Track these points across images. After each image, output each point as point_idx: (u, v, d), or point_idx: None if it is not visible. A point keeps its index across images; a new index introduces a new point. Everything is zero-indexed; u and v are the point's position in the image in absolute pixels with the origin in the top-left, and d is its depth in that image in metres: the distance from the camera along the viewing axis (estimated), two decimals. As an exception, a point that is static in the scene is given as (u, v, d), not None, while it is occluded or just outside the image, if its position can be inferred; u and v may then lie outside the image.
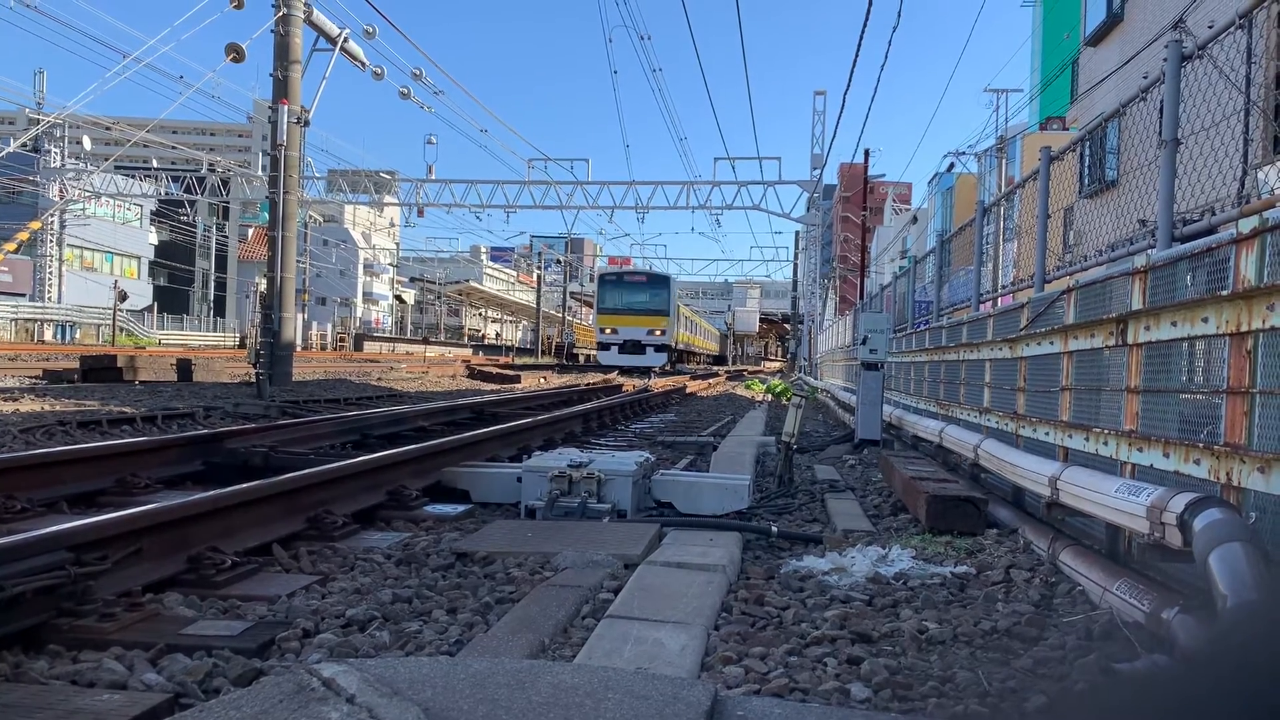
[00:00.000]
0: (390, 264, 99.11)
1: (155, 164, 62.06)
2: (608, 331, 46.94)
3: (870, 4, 13.80)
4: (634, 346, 46.10)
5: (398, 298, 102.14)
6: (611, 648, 3.22)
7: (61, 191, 47.17)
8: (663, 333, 46.45)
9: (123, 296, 52.70)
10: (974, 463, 6.96)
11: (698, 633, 3.43)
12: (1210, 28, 4.78)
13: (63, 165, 47.21)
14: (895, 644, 3.50)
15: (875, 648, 3.46)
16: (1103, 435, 4.79)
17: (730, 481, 6.38)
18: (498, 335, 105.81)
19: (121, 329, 54.42)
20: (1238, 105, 4.76)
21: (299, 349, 39.57)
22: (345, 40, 22.20)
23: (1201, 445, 3.76)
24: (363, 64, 23.91)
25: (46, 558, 3.42)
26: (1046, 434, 5.78)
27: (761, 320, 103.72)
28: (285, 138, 19.59)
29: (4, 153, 34.08)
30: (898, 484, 7.14)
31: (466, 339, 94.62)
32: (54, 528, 3.69)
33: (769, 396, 26.10)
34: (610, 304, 48.01)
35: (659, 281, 48.68)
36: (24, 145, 41.29)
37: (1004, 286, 9.06)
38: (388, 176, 42.88)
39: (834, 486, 7.92)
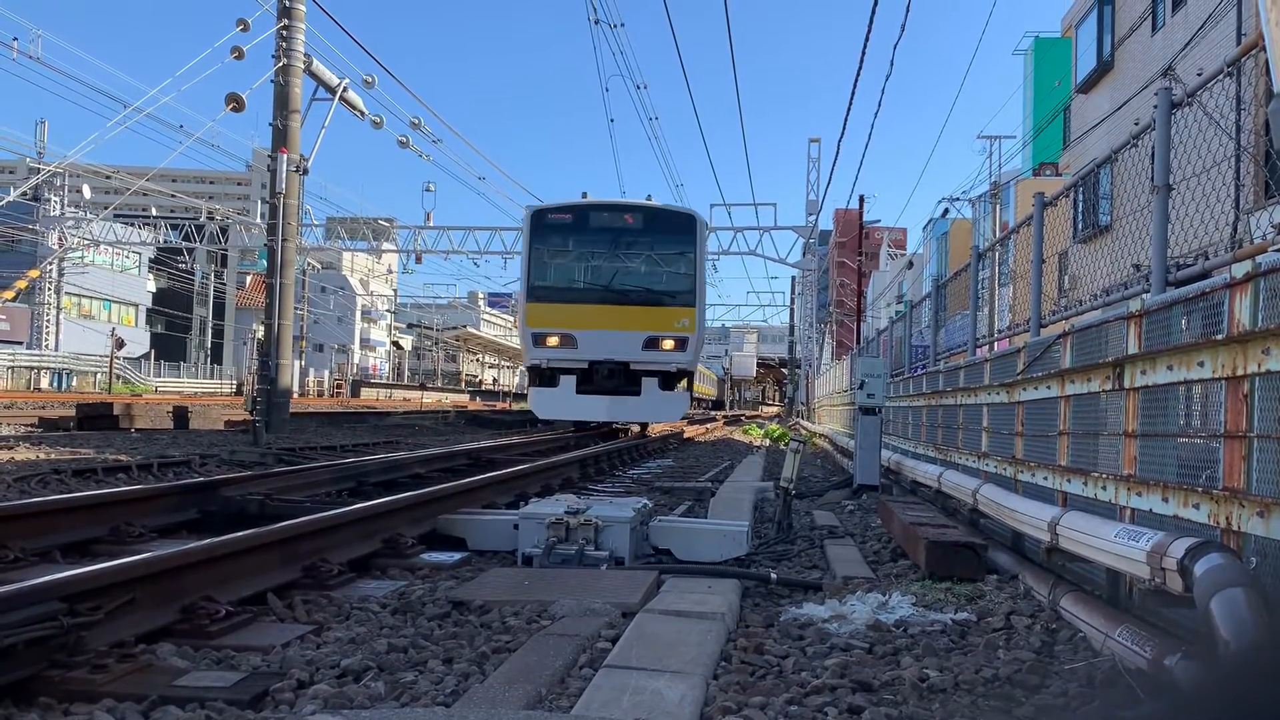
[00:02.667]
0: (388, 310, 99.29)
1: (154, 212, 62.38)
2: (550, 342, 19.80)
3: (864, 53, 13.99)
4: (617, 376, 19.62)
5: (395, 344, 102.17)
6: (609, 698, 3.18)
7: (60, 240, 47.37)
8: (682, 345, 19.88)
9: (120, 344, 52.69)
10: (973, 508, 6.93)
11: (697, 682, 3.39)
12: (1199, 75, 4.83)
13: (62, 214, 47.46)
14: (896, 693, 3.47)
15: (876, 696, 3.42)
16: (1101, 480, 4.77)
17: (729, 528, 6.35)
18: (495, 381, 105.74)
19: (118, 376, 54.34)
20: (1229, 151, 4.81)
21: (296, 395, 39.51)
22: (344, 90, 22.43)
23: (1200, 489, 3.75)
24: (362, 113, 24.14)
25: (39, 608, 3.39)
26: (1045, 478, 5.75)
27: (759, 365, 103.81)
28: (284, 186, 19.72)
29: (4, 201, 34.26)
30: (897, 530, 7.11)
31: (464, 384, 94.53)
32: (47, 578, 3.66)
33: (767, 441, 26.05)
34: (558, 278, 20.66)
35: (674, 226, 20.79)
36: (24, 194, 41.56)
37: (1000, 331, 9.08)
38: (386, 223, 43.09)
39: (833, 532, 7.88)
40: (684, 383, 20.32)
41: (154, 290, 71.36)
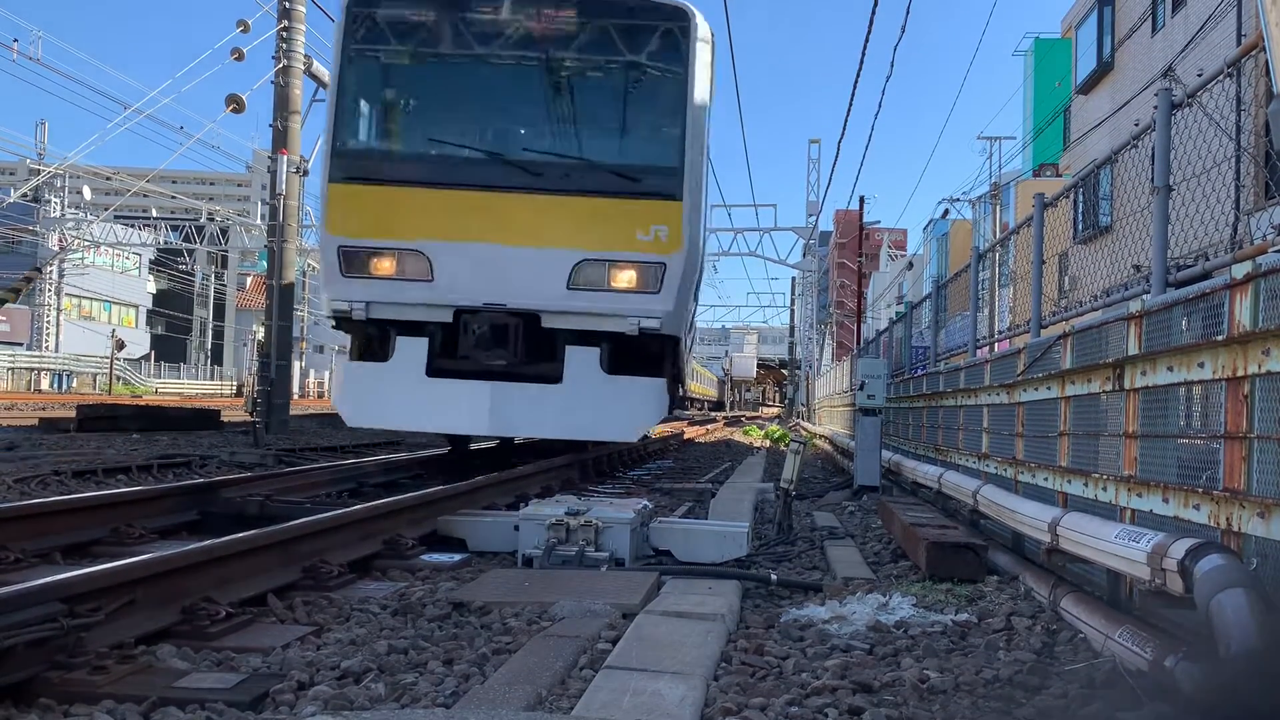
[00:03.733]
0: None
1: (154, 213, 62.47)
2: (378, 267, 9.51)
3: (864, 53, 14.00)
4: (512, 341, 9.48)
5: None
6: (610, 699, 3.18)
7: (61, 241, 47.40)
8: (652, 276, 9.57)
9: (120, 345, 52.73)
10: (973, 509, 6.93)
11: (697, 683, 3.39)
12: (1199, 76, 4.84)
13: (62, 215, 47.47)
14: (896, 694, 3.47)
15: (876, 698, 3.42)
16: (1101, 480, 4.77)
17: (729, 529, 6.35)
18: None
19: (119, 378, 54.36)
20: (1229, 152, 4.81)
21: (296, 397, 39.49)
22: (344, 91, 22.36)
23: (1201, 490, 3.75)
24: (362, 114, 24.07)
25: (39, 609, 3.38)
26: (1045, 479, 5.76)
27: (759, 366, 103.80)
28: (284, 187, 19.70)
29: (5, 203, 34.28)
30: (897, 530, 7.11)
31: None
32: (46, 579, 3.66)
33: (767, 442, 26.06)
34: (396, 136, 10.48)
35: (644, 31, 9.92)
36: (24, 195, 41.59)
37: (1000, 332, 9.08)
38: (386, 225, 42.95)
39: (833, 533, 7.88)
40: (661, 362, 10.42)
41: (154, 291, 71.42)
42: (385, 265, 9.52)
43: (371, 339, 10.17)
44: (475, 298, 9.46)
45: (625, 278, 9.60)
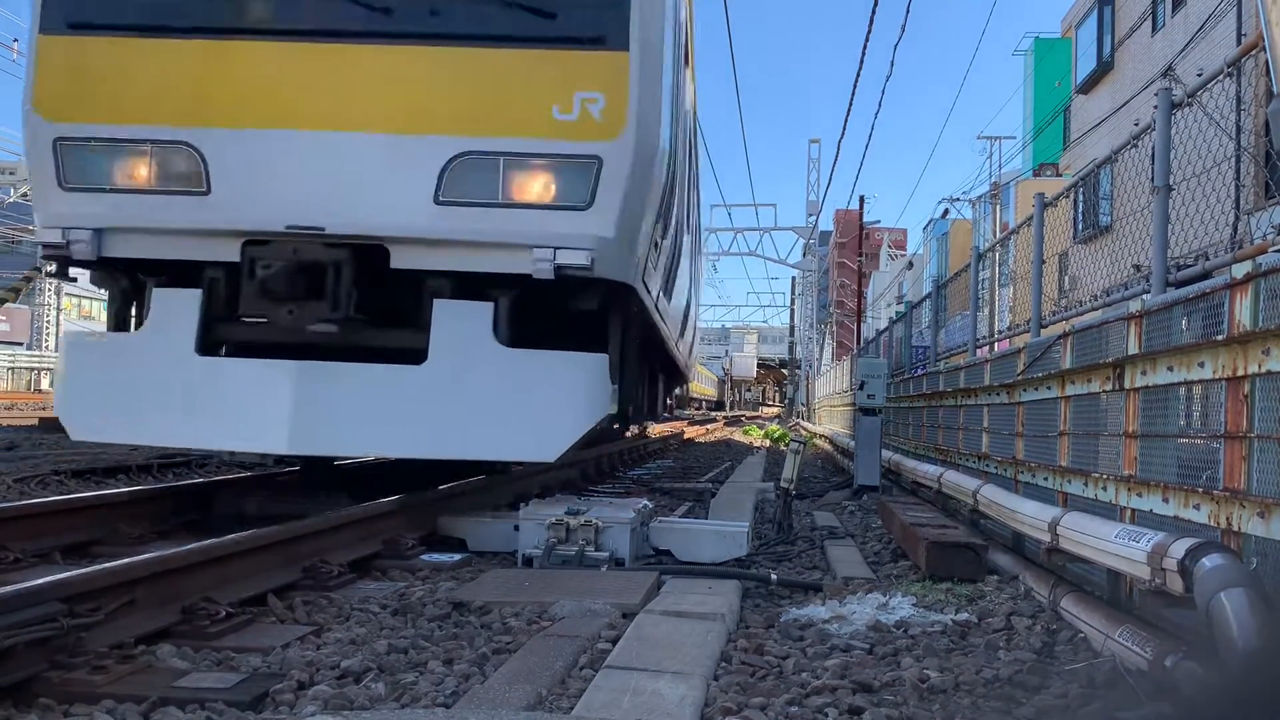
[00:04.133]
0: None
1: (155, 213, 62.31)
2: (126, 174, 6.13)
3: (864, 53, 14.01)
4: (336, 291, 5.96)
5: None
6: (610, 699, 3.18)
7: (61, 241, 47.25)
8: (587, 188, 5.95)
9: (120, 345, 52.64)
10: (973, 508, 6.93)
11: (697, 683, 3.39)
12: (1199, 75, 4.84)
13: (62, 215, 47.32)
14: (896, 693, 3.47)
15: (876, 697, 3.42)
16: (1101, 480, 4.77)
17: (729, 529, 6.35)
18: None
19: (119, 377, 54.23)
20: (1229, 151, 4.81)
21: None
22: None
23: (1201, 490, 3.75)
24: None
25: (38, 609, 3.38)
26: (1045, 479, 5.76)
27: (759, 366, 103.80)
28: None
29: (5, 203, 34.30)
30: (897, 530, 7.11)
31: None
32: (46, 579, 3.66)
33: (767, 442, 26.06)
34: None
35: None
36: (24, 195, 41.56)
37: (1000, 332, 9.08)
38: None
39: (833, 533, 7.88)
40: (602, 328, 6.84)
41: (154, 291, 71.38)
42: (131, 169, 6.23)
43: (123, 293, 6.84)
44: (276, 219, 6.02)
45: (534, 184, 6.12)
